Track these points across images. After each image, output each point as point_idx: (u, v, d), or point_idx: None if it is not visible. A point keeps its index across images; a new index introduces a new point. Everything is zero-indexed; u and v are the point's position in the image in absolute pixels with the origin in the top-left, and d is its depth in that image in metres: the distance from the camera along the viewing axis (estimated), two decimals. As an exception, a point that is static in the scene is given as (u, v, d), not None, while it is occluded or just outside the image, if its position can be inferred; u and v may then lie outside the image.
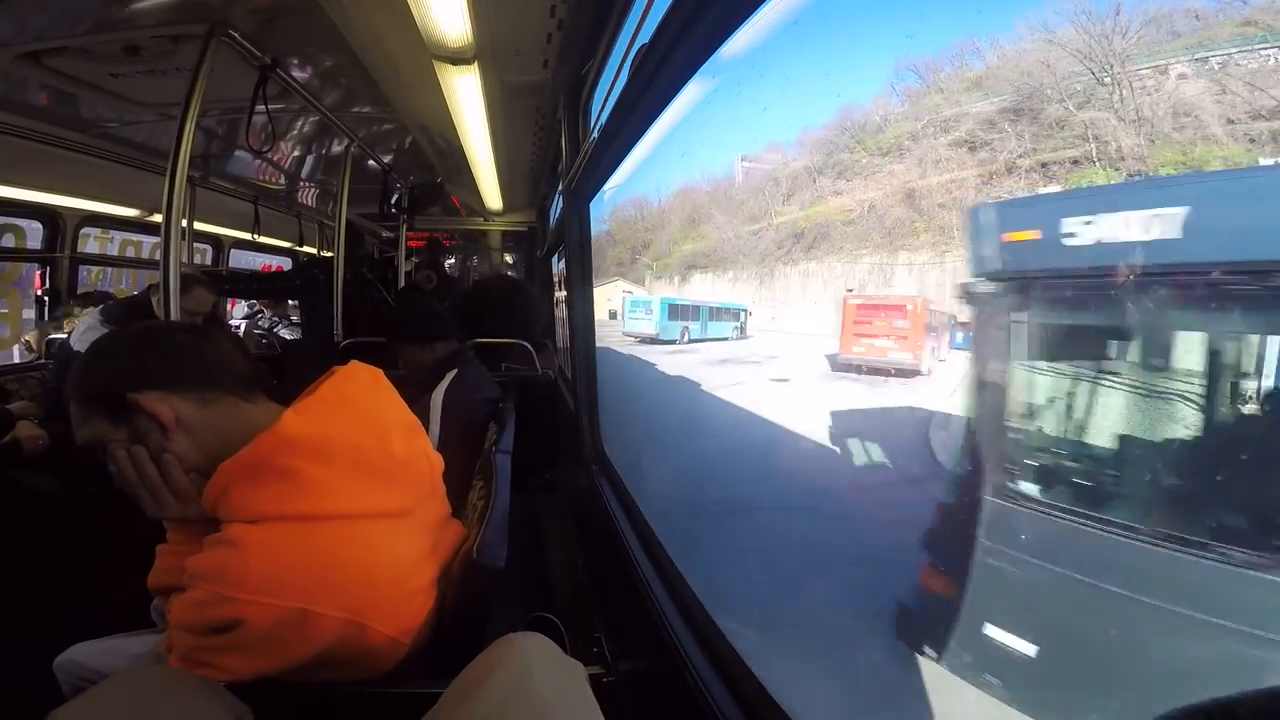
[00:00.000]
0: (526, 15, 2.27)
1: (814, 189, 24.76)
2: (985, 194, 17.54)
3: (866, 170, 22.74)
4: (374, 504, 1.10)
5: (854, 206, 21.45)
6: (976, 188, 18.15)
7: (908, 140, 21.41)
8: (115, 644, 1.39)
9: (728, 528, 7.98)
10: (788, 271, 24.04)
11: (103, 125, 3.39)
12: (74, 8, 2.20)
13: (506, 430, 2.03)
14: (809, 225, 23.62)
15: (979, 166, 18.49)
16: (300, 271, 6.17)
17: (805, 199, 25.16)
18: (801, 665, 3.98)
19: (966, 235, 4.39)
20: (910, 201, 19.48)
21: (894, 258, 18.91)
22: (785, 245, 24.47)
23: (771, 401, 14.23)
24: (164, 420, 1.03)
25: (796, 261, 23.58)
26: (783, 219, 25.80)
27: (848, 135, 24.72)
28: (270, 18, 2.40)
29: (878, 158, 22.44)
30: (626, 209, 37.24)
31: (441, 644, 1.14)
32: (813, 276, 22.62)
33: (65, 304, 3.99)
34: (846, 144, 24.54)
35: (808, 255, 23.12)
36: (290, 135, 4.13)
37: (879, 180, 21.60)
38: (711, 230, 31.18)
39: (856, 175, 23.22)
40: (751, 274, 26.12)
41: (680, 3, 1.10)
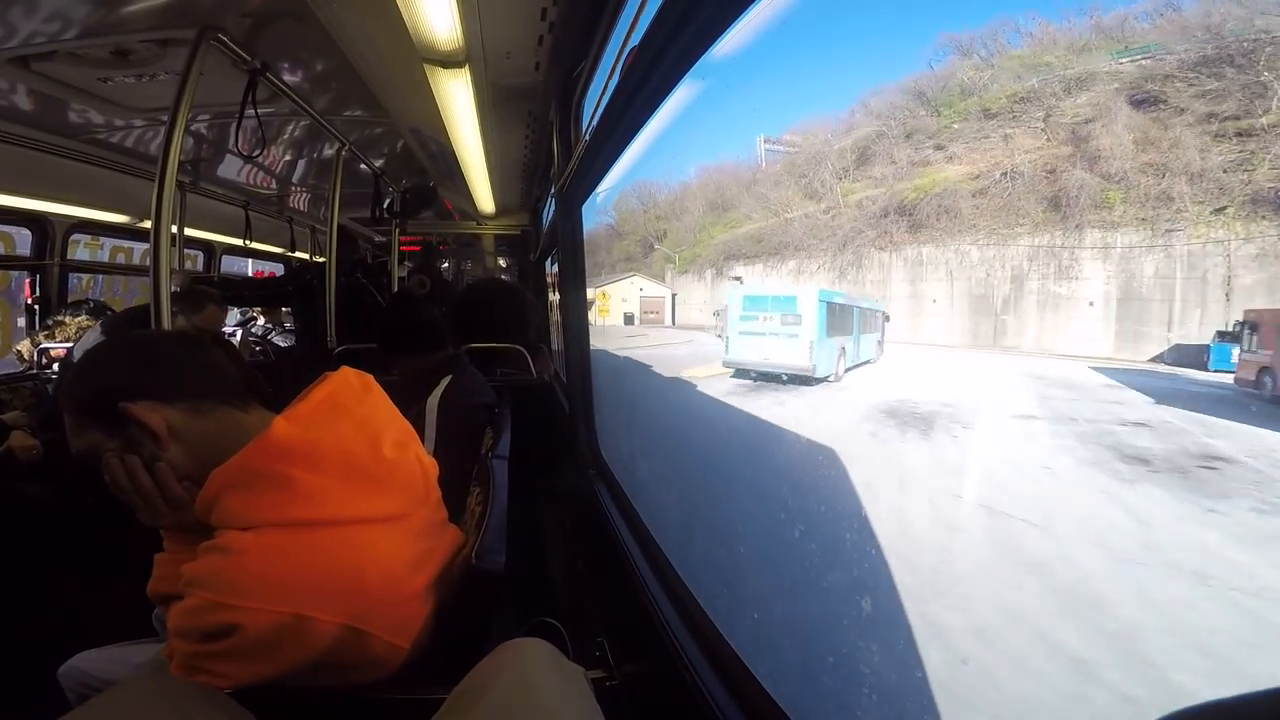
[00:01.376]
0: (517, 18, 2.27)
1: (893, 158, 20.11)
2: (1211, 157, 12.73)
3: (966, 135, 18.33)
4: (367, 509, 1.10)
5: (978, 173, 16.86)
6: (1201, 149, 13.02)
7: (1021, 102, 17.13)
8: (118, 652, 1.41)
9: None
10: (886, 259, 18.50)
11: (92, 130, 3.37)
12: (62, 12, 2.18)
13: (503, 436, 2.03)
14: (917, 198, 18.02)
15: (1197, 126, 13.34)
16: (293, 277, 6.15)
17: (888, 170, 20.18)
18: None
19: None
20: (1091, 164, 14.33)
21: (1075, 238, 13.67)
22: (878, 224, 19.07)
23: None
24: (156, 429, 1.03)
25: (900, 245, 17.99)
26: (861, 194, 20.67)
27: (915, 100, 20.36)
28: (260, 21, 2.39)
29: (978, 121, 18.21)
30: (631, 199, 32.69)
31: (443, 650, 1.13)
32: (931, 265, 17.02)
33: (56, 312, 3.96)
34: (916, 109, 20.17)
35: (916, 236, 17.62)
36: (281, 140, 4.11)
37: (992, 144, 17.31)
38: (755, 213, 25.70)
39: (955, 140, 18.66)
40: (827, 264, 20.82)
41: (671, 4, 1.10)
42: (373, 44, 2.55)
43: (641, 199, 32.50)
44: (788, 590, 5.35)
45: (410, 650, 1.08)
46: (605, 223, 33.24)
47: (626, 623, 1.59)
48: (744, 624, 2.21)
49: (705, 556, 5.09)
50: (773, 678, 1.08)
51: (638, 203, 32.56)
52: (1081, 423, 8.64)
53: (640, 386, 15.22)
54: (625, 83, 1.44)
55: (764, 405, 11.10)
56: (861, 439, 9.53)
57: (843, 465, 7.67)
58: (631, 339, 25.06)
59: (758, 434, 10.08)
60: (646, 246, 31.69)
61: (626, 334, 26.05)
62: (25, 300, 4.19)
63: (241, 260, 6.70)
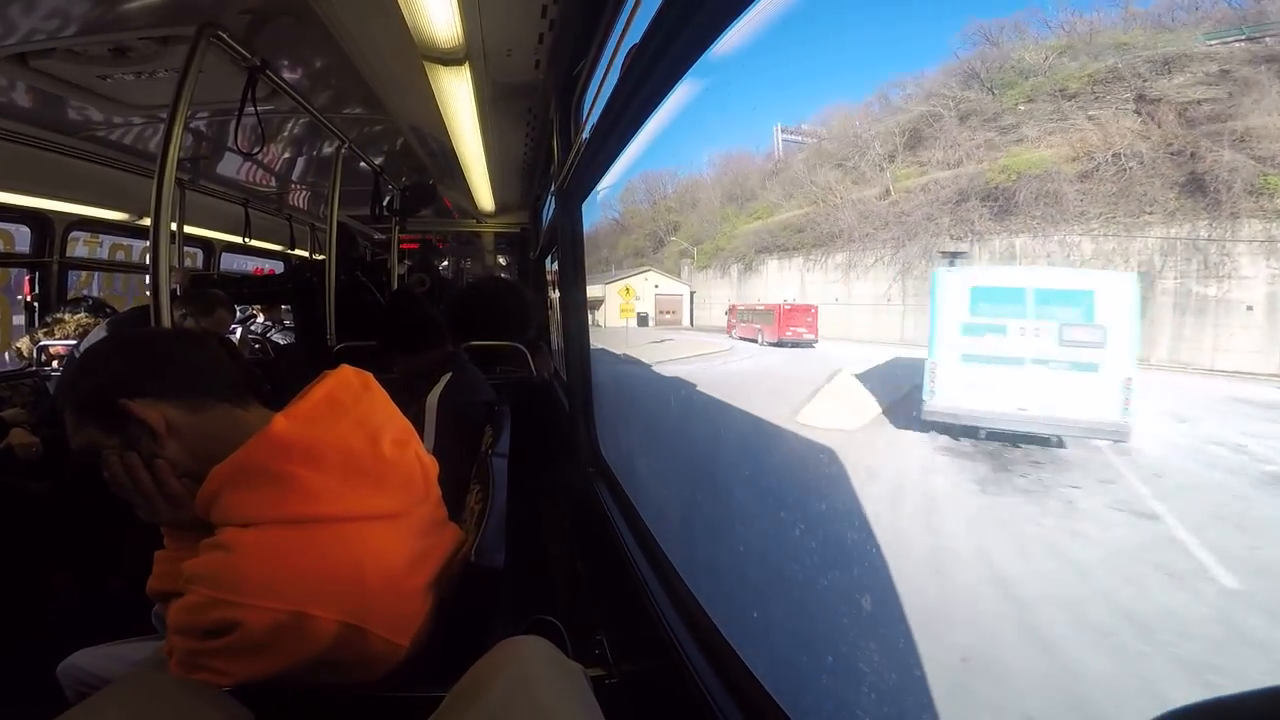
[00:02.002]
0: (518, 15, 2.27)
1: (955, 140, 17.77)
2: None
3: (1039, 116, 15.81)
4: (366, 506, 1.10)
5: (1075, 154, 14.29)
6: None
7: (1101, 84, 14.74)
8: (117, 650, 1.42)
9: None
10: (966, 251, 15.85)
11: (91, 127, 3.36)
12: (61, 9, 2.17)
13: (503, 434, 2.03)
14: (1006, 181, 15.25)
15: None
16: (293, 275, 6.14)
17: (947, 154, 17.69)
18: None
19: None
20: (1234, 145, 12.00)
21: (1226, 229, 10.95)
22: (954, 211, 16.32)
23: None
24: (155, 426, 1.03)
25: (985, 235, 15.29)
26: (915, 179, 18.03)
27: (962, 83, 18.36)
28: (260, 18, 2.38)
29: (1051, 102, 15.64)
30: (638, 192, 31.00)
31: (443, 648, 1.14)
32: (1026, 258, 14.15)
33: (55, 309, 3.96)
34: (965, 91, 18.14)
35: (1004, 225, 14.97)
36: (280, 137, 4.11)
37: (1075, 125, 14.89)
38: (786, 201, 22.84)
39: (1025, 122, 16.10)
40: (887, 257, 17.76)
41: (671, 2, 1.10)
42: (373, 41, 2.55)
43: (649, 192, 30.49)
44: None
45: (409, 648, 1.08)
46: (610, 217, 30.89)
47: (625, 621, 1.59)
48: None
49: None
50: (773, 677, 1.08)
51: (645, 196, 30.55)
52: None
53: (723, 458, 10.60)
54: (625, 80, 1.44)
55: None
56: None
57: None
58: (655, 346, 21.66)
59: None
60: (656, 241, 28.81)
61: (645, 339, 22.75)
62: (24, 298, 4.19)
63: (241, 258, 6.67)
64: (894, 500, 6.26)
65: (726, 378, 17.01)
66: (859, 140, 20.85)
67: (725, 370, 17.88)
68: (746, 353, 19.43)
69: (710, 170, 28.57)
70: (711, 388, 15.28)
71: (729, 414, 12.54)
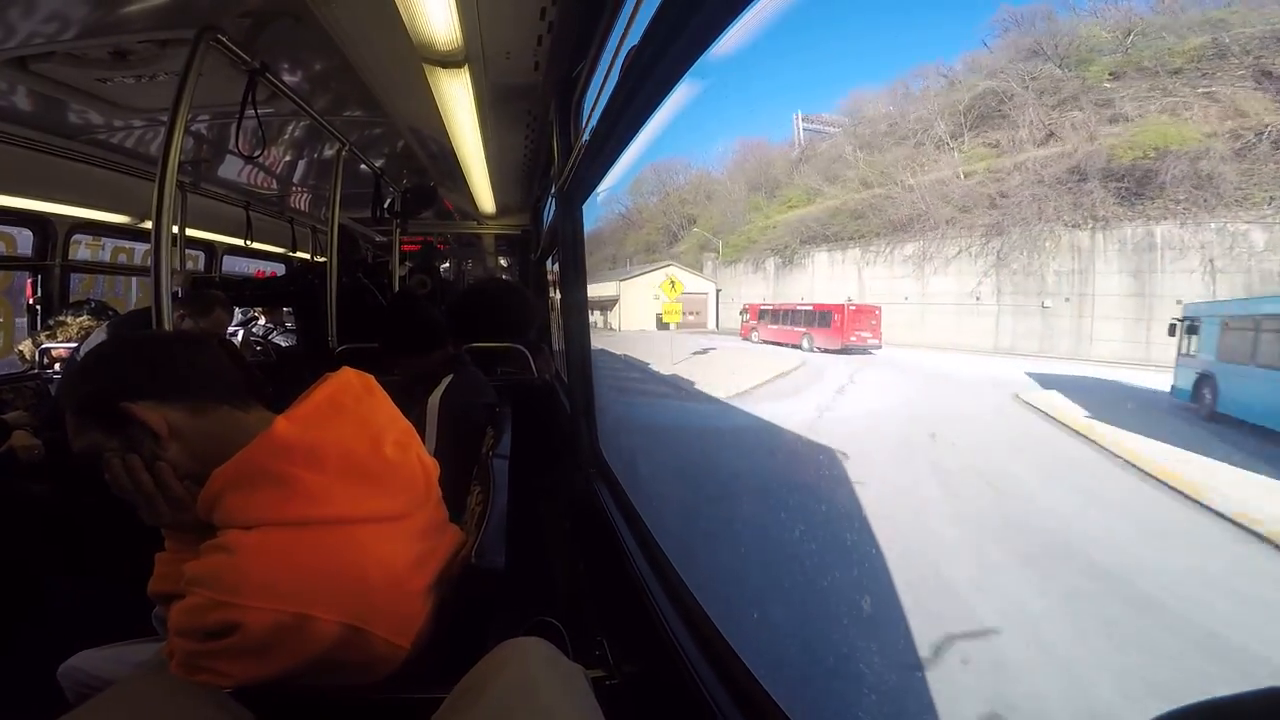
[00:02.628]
0: (517, 18, 2.27)
1: (1032, 117, 15.24)
2: None
3: (1136, 94, 13.58)
4: (368, 508, 1.10)
5: (1212, 130, 11.93)
6: None
7: (1209, 60, 12.62)
8: (118, 651, 1.41)
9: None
10: (1084, 241, 12.45)
11: (92, 131, 3.37)
12: (61, 12, 2.18)
13: (504, 435, 2.03)
14: (1142, 159, 12.38)
15: None
16: (294, 277, 6.15)
17: (1023, 134, 15.28)
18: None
19: None
20: None
21: None
22: (1073, 192, 13.20)
23: None
24: (157, 429, 1.03)
25: (1111, 223, 12.10)
26: (992, 160, 15.51)
27: (1026, 59, 16.21)
28: (259, 22, 2.39)
29: (1148, 79, 13.56)
30: (647, 185, 28.43)
31: (443, 649, 1.14)
32: (1172, 250, 11.17)
33: (58, 312, 3.97)
34: (1029, 68, 16.02)
35: (1136, 210, 11.92)
36: (281, 140, 4.11)
37: (1184, 101, 12.83)
38: (829, 187, 19.47)
39: (1120, 98, 13.75)
40: (976, 246, 14.55)
41: (670, 3, 1.10)
42: (372, 44, 2.55)
43: (661, 184, 27.82)
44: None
45: (411, 649, 1.08)
46: (617, 211, 29.21)
47: (626, 622, 1.59)
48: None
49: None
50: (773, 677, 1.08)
51: (655, 188, 27.89)
52: None
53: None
54: (625, 81, 1.44)
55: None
56: None
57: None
58: (703, 363, 17.90)
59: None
60: (670, 235, 25.89)
61: (683, 349, 18.78)
62: (27, 301, 4.20)
63: (243, 260, 6.68)
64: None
65: (883, 431, 11.83)
66: (921, 119, 17.99)
67: (853, 411, 12.84)
68: (815, 366, 15.52)
69: (730, 159, 25.82)
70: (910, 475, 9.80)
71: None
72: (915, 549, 7.30)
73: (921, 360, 14.85)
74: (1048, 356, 13.03)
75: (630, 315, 22.69)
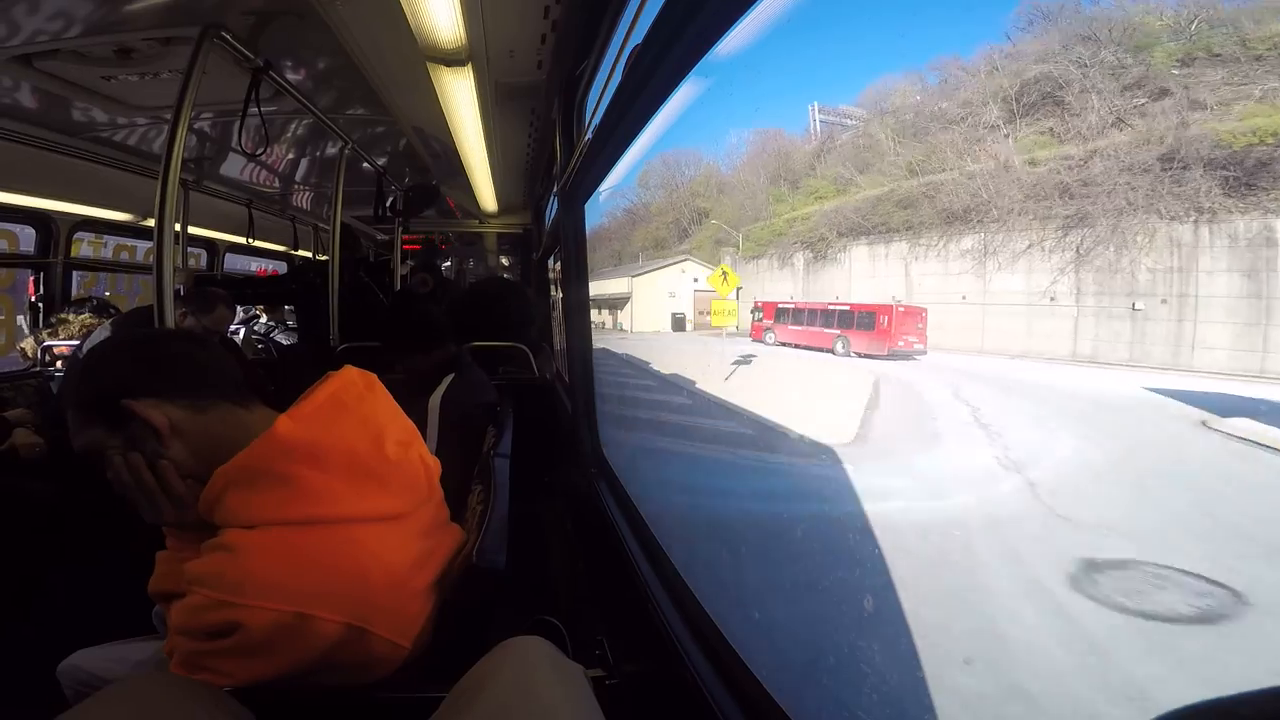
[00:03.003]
0: (520, 16, 2.27)
1: (1097, 103, 13.77)
2: None
3: (1211, 80, 12.24)
4: (370, 507, 1.10)
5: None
6: None
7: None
8: (118, 650, 1.42)
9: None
10: (1186, 235, 10.81)
11: (95, 128, 3.38)
12: (65, 10, 2.18)
13: (505, 434, 2.03)
14: (1252, 144, 11.03)
15: None
16: (296, 276, 6.16)
17: (1105, 117, 13.63)
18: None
19: None
20: None
21: None
22: (1172, 180, 11.53)
23: None
24: (159, 427, 1.03)
25: (1221, 215, 10.57)
26: (1098, 142, 13.62)
27: (1070, 45, 14.95)
28: (262, 20, 2.39)
29: (1217, 66, 12.32)
30: (654, 176, 26.91)
31: (443, 648, 1.14)
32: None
33: (60, 310, 3.97)
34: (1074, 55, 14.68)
35: (1246, 200, 10.48)
36: (284, 138, 4.12)
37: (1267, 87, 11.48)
38: (860, 177, 17.61)
39: (1192, 85, 12.46)
40: (1051, 239, 12.73)
41: (674, 1, 1.10)
42: (375, 42, 2.55)
43: (670, 176, 26.10)
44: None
45: (411, 649, 1.08)
46: (622, 205, 27.69)
47: (627, 622, 1.59)
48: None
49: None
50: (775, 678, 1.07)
51: (663, 181, 26.07)
52: None
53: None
54: (629, 80, 1.44)
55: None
56: None
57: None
58: (750, 374, 14.62)
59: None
60: (680, 230, 24.05)
61: (722, 359, 15.72)
62: (29, 298, 4.20)
63: (245, 258, 6.68)
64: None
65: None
66: (967, 104, 16.23)
67: (1053, 472, 8.79)
68: (934, 394, 12.41)
69: (746, 150, 24.08)
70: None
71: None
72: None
73: (1004, 370, 12.70)
74: (1141, 366, 11.30)
75: (643, 315, 21.12)
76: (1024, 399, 11.66)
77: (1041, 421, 10.60)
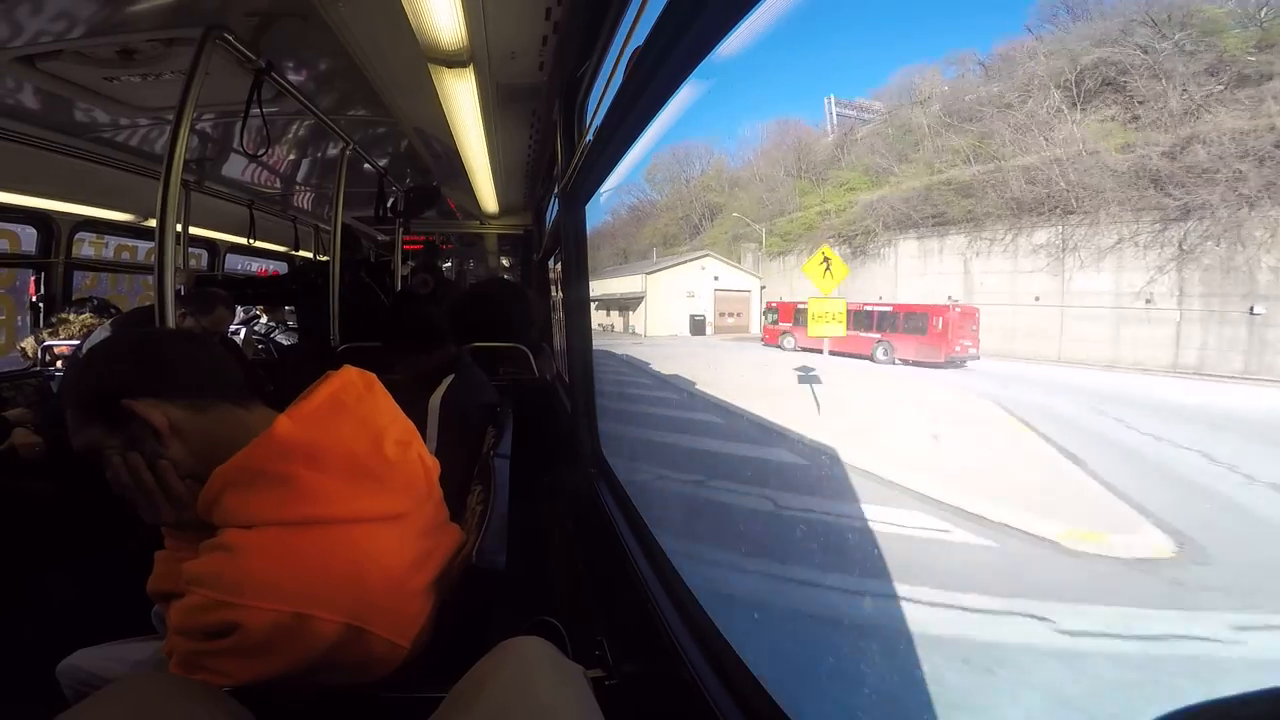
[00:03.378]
0: (522, 18, 2.28)
1: (1163, 89, 12.60)
2: None
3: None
4: (368, 508, 1.10)
5: None
6: None
7: None
8: (117, 650, 1.42)
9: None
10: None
11: (97, 129, 3.38)
12: (68, 11, 2.19)
13: (505, 435, 2.03)
14: None
15: None
16: (297, 276, 6.16)
17: (1180, 101, 12.60)
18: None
19: None
20: None
21: None
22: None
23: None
24: (158, 426, 1.03)
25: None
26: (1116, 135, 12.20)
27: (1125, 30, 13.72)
28: (265, 21, 2.39)
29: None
30: (663, 171, 25.57)
31: (443, 648, 1.14)
32: None
33: (61, 310, 3.98)
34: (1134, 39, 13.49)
35: None
36: (285, 139, 4.12)
37: None
38: (898, 166, 15.97)
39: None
40: (1147, 234, 11.03)
41: (675, 3, 1.10)
42: (377, 44, 2.56)
43: (679, 171, 24.49)
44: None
45: (410, 649, 1.08)
46: (627, 203, 26.81)
47: (627, 622, 1.59)
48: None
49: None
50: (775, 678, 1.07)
51: (673, 175, 24.43)
52: None
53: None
54: (630, 81, 1.44)
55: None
56: None
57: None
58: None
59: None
60: (691, 227, 22.23)
61: (775, 374, 12.37)
62: (30, 298, 4.20)
63: (246, 259, 6.68)
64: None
65: None
66: (1020, 87, 14.74)
67: None
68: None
69: (763, 142, 22.52)
70: None
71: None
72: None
73: (1126, 387, 10.38)
74: (1259, 379, 9.43)
75: (658, 316, 19.04)
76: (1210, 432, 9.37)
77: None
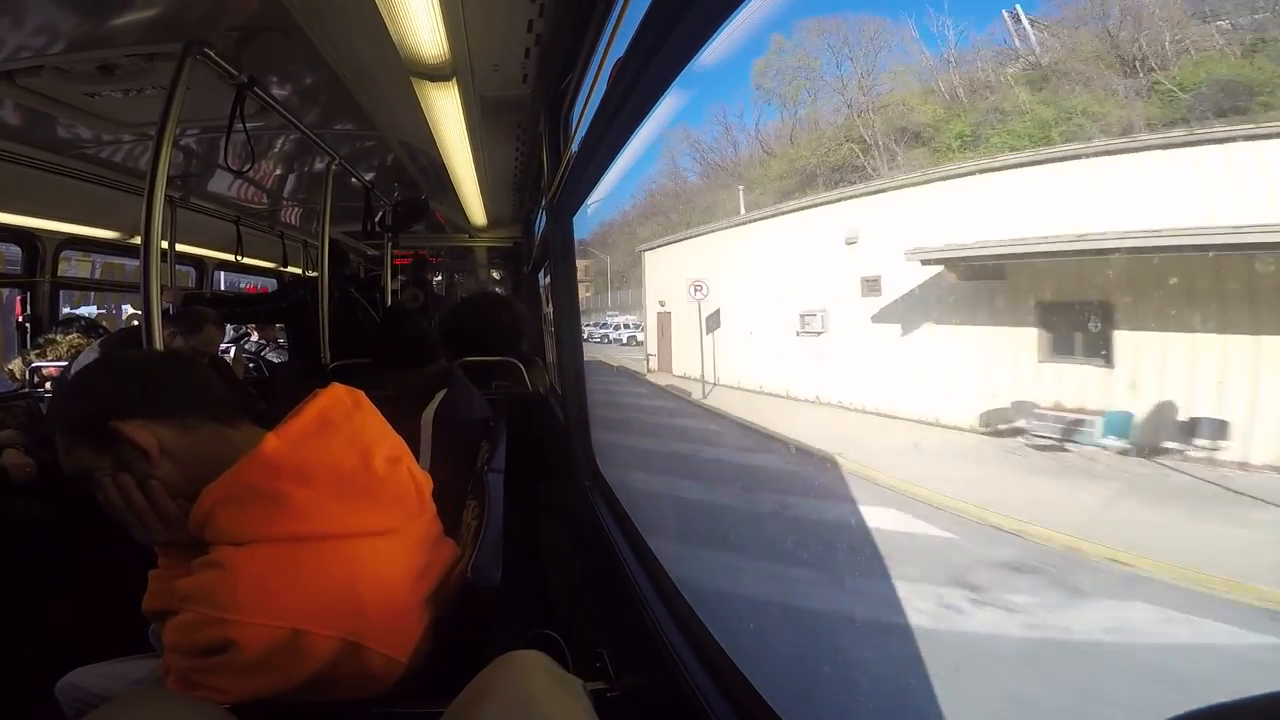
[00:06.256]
0: (504, 31, 2.27)
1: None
2: None
3: None
4: (359, 523, 1.10)
5: None
6: None
7: None
8: (115, 668, 1.43)
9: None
10: None
11: (80, 145, 3.36)
12: (48, 26, 2.17)
13: (498, 449, 2.02)
14: None
15: None
16: (286, 293, 6.14)
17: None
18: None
19: None
20: None
21: None
22: None
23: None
24: (147, 447, 1.03)
25: None
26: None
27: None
28: (246, 36, 2.38)
29: None
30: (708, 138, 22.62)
31: (442, 663, 1.13)
32: None
33: (48, 330, 3.94)
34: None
35: None
36: (271, 154, 4.10)
37: None
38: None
39: None
40: None
41: (654, 13, 1.11)
42: (359, 58, 2.55)
43: (730, 137, 20.74)
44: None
45: (408, 664, 1.07)
46: (626, 202, 27.07)
47: (625, 634, 1.58)
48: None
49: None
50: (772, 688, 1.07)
51: (718, 145, 20.95)
52: None
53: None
54: (613, 92, 1.44)
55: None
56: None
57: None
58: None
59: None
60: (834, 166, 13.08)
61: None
62: (16, 318, 4.17)
63: (234, 276, 6.66)
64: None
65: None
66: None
67: None
68: None
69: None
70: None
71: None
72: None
73: None
74: None
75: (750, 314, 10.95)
76: None
77: None
